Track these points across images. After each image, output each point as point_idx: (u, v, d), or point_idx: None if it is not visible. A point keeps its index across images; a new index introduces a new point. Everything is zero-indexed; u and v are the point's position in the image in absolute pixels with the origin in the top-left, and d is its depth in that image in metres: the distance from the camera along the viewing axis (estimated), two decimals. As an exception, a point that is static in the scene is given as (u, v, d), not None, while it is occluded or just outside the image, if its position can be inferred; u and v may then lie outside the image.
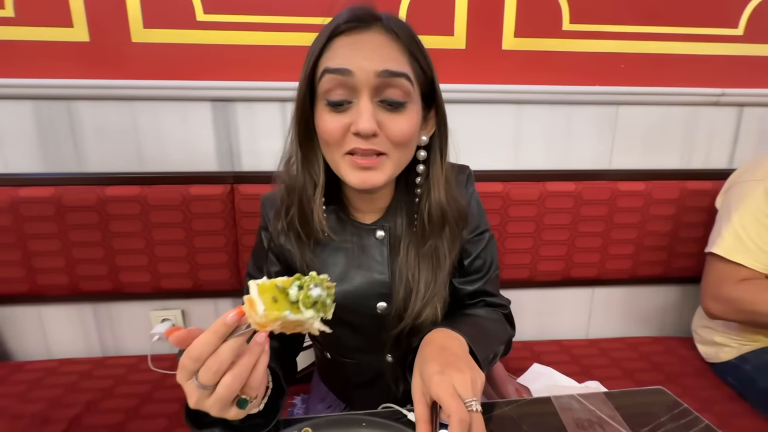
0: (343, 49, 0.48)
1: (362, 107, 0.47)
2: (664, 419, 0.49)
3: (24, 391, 0.90)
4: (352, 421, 0.46)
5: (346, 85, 0.48)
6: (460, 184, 0.63)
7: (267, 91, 0.99)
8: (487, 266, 0.64)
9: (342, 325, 0.60)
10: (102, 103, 0.98)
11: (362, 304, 0.58)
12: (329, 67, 0.47)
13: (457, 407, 0.38)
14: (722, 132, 1.15)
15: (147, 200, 0.98)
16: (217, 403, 0.37)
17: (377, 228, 0.59)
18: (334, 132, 0.49)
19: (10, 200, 0.95)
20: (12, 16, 0.92)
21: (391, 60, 0.48)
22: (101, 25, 0.94)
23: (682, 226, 1.13)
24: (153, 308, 1.09)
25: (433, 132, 0.56)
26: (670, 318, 1.25)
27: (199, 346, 0.35)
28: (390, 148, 0.50)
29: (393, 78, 0.47)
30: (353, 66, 0.47)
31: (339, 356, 0.65)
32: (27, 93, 0.95)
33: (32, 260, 0.99)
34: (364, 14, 0.50)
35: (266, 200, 0.64)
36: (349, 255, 0.58)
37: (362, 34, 0.49)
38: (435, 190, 0.56)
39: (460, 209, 0.59)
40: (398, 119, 0.49)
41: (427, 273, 0.57)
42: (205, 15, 0.95)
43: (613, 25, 1.05)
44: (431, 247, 0.57)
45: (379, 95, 0.48)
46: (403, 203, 0.59)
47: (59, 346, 1.10)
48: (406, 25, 0.52)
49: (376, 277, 0.58)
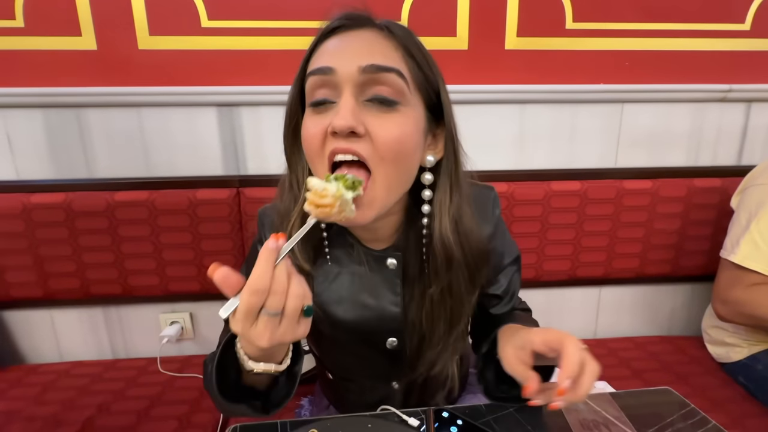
0: (329, 49, 0.44)
1: (341, 103, 0.42)
2: (671, 420, 0.49)
3: (38, 394, 0.92)
4: (358, 423, 0.47)
5: (329, 84, 0.43)
6: (482, 210, 0.55)
7: (271, 95, 1.00)
8: (514, 286, 0.61)
9: (346, 353, 0.58)
10: (110, 110, 0.99)
11: (370, 338, 0.54)
12: (312, 69, 0.44)
13: (571, 338, 0.42)
14: (730, 128, 1.13)
15: (155, 205, 0.99)
16: (290, 324, 0.37)
17: (388, 256, 0.53)
18: (313, 138, 0.43)
19: (22, 206, 0.97)
20: (22, 27, 0.94)
21: (380, 55, 0.43)
22: (108, 33, 0.95)
23: (690, 223, 1.12)
24: (162, 311, 1.11)
25: (442, 154, 0.49)
26: (679, 317, 1.24)
27: (259, 279, 0.35)
28: (375, 159, 0.42)
29: (380, 74, 0.42)
30: (335, 63, 0.42)
31: (341, 379, 0.63)
32: (37, 101, 0.97)
33: (44, 265, 1.01)
34: (357, 16, 0.46)
35: (264, 216, 0.59)
36: (356, 282, 0.53)
37: (351, 32, 0.45)
38: (439, 222, 0.48)
39: (478, 246, 0.50)
40: (387, 120, 0.42)
41: (442, 320, 0.52)
42: (209, 21, 0.97)
43: (617, 23, 1.04)
44: (443, 290, 0.51)
45: (365, 93, 0.43)
46: (413, 231, 0.52)
47: (71, 348, 1.12)
48: (406, 28, 0.47)
49: (387, 309, 0.53)
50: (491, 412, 0.51)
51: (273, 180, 1.03)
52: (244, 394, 0.46)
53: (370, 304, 0.53)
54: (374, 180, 0.43)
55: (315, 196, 0.38)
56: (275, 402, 0.47)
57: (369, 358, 0.57)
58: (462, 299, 0.52)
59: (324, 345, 0.60)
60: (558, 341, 0.43)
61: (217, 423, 0.86)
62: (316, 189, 0.38)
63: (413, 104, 0.45)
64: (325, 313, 0.54)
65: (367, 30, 0.45)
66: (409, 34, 0.47)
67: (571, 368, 0.40)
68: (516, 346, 0.47)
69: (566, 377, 0.40)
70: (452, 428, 0.47)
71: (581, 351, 0.41)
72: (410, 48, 0.45)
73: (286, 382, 0.47)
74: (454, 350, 0.55)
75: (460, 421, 0.48)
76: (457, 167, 0.49)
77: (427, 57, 0.47)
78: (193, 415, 0.86)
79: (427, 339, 0.53)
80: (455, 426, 0.48)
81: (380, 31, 0.45)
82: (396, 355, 0.56)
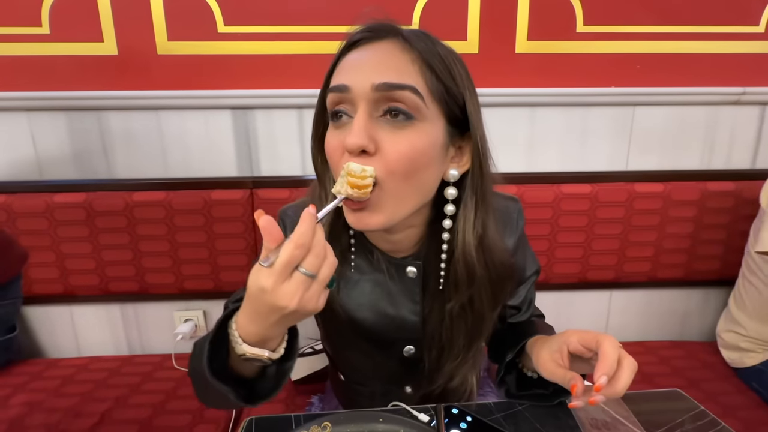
0: (348, 65, 0.44)
1: (355, 120, 0.42)
2: (680, 421, 0.49)
3: (58, 386, 0.95)
4: (370, 417, 0.48)
5: (346, 101, 0.43)
6: (507, 222, 0.55)
7: (285, 99, 1.03)
8: (531, 294, 0.62)
9: (362, 357, 0.58)
10: (129, 113, 1.03)
11: (387, 344, 0.55)
12: (330, 87, 0.44)
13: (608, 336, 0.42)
14: (744, 131, 1.12)
15: (171, 205, 1.02)
16: (318, 290, 0.37)
17: (408, 264, 0.52)
18: (333, 151, 0.44)
19: (46, 205, 1.01)
20: (47, 33, 0.98)
21: (394, 71, 0.42)
22: (129, 39, 0.99)
23: (703, 227, 1.11)
24: (176, 309, 1.14)
25: (468, 168, 0.47)
26: (692, 322, 1.23)
27: (304, 235, 0.35)
28: (384, 173, 0.42)
29: (393, 91, 0.41)
30: (350, 81, 0.42)
31: (353, 382, 0.63)
32: (61, 105, 1.00)
33: (65, 262, 1.04)
34: (380, 26, 0.45)
35: (286, 216, 0.58)
36: (377, 289, 0.53)
37: (371, 45, 0.44)
38: (462, 239, 0.47)
39: (502, 263, 0.49)
40: (398, 136, 0.42)
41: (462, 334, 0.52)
42: (225, 27, 0.99)
43: (628, 26, 1.05)
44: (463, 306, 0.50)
45: (379, 110, 0.42)
46: (435, 244, 0.51)
47: (89, 344, 1.15)
48: (429, 37, 0.45)
49: (406, 318, 0.53)
50: (500, 410, 0.52)
51: (285, 181, 1.06)
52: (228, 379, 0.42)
53: (389, 311, 0.53)
54: (381, 188, 0.43)
55: (356, 178, 0.40)
56: (260, 394, 0.44)
57: (384, 363, 0.57)
58: (484, 315, 0.51)
59: (340, 347, 0.61)
60: (594, 340, 0.43)
61: (230, 418, 0.88)
62: (355, 171, 0.40)
63: (430, 118, 0.43)
64: (344, 317, 0.53)
65: (386, 42, 0.44)
66: (432, 43, 0.44)
67: (608, 365, 0.41)
68: (552, 350, 0.47)
69: (602, 374, 0.40)
70: (462, 424, 0.48)
71: (618, 348, 0.42)
72: (431, 60, 0.43)
73: (274, 374, 0.44)
74: (474, 363, 0.55)
75: (470, 418, 0.49)
76: (483, 183, 0.46)
77: (452, 68, 0.44)
78: (206, 410, 0.88)
79: (446, 352, 0.53)
80: (465, 422, 0.49)
81: (399, 43, 0.43)
82: (412, 363, 0.56)
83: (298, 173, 1.08)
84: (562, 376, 0.45)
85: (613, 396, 0.41)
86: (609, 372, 0.41)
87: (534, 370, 0.53)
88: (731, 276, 1.13)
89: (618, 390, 0.41)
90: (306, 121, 1.05)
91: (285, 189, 1.04)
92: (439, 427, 0.47)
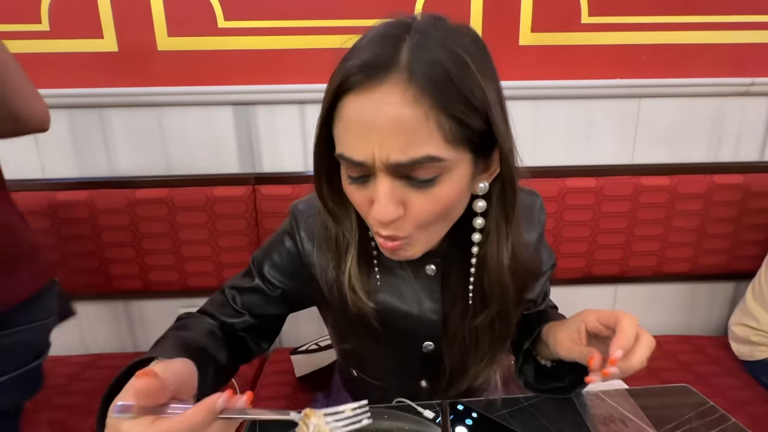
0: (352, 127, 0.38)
1: (378, 189, 0.39)
2: (689, 417, 0.48)
3: (65, 384, 0.96)
4: (375, 414, 0.47)
5: (362, 170, 0.40)
6: (529, 217, 0.55)
7: (286, 94, 1.02)
8: (547, 287, 0.62)
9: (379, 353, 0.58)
10: (131, 109, 1.02)
11: (406, 340, 0.55)
12: (344, 156, 0.40)
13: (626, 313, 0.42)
14: (753, 123, 1.10)
15: (174, 202, 1.02)
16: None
17: (427, 263, 0.52)
18: (360, 205, 0.43)
19: (48, 204, 1.01)
20: (47, 30, 0.97)
21: (407, 144, 0.37)
22: (129, 35, 0.98)
23: (710, 221, 1.09)
24: (180, 306, 1.14)
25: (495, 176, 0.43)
26: (699, 317, 1.22)
27: (195, 426, 0.31)
28: (414, 230, 0.41)
29: (409, 167, 0.38)
30: (362, 156, 0.38)
31: (367, 376, 0.62)
32: (62, 102, 1.00)
33: (69, 260, 1.04)
34: (381, 56, 0.37)
35: (297, 211, 0.55)
36: (394, 287, 0.53)
37: (374, 93, 0.37)
38: (494, 260, 0.45)
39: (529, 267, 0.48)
40: (425, 198, 0.39)
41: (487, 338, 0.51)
42: (226, 22, 0.99)
43: (634, 17, 1.03)
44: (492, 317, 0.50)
45: (399, 174, 0.39)
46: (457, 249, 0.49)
47: (95, 341, 1.15)
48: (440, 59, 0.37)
49: (425, 315, 0.53)
50: (506, 406, 0.51)
51: (287, 177, 1.06)
52: None
53: (410, 308, 0.53)
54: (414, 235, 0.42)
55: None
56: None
57: (402, 359, 0.57)
58: (510, 320, 0.51)
59: (356, 344, 0.60)
60: (613, 318, 0.43)
61: (234, 415, 0.88)
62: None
63: (455, 165, 0.39)
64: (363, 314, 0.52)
65: (389, 88, 0.36)
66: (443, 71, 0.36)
67: (624, 340, 0.41)
68: (570, 330, 0.47)
69: (618, 347, 0.40)
70: (467, 421, 0.48)
71: (636, 325, 0.42)
72: (447, 102, 0.36)
73: None
74: (498, 362, 0.54)
75: (475, 414, 0.49)
76: (513, 191, 0.43)
77: (473, 93, 0.37)
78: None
79: (471, 354, 0.52)
80: (470, 419, 0.48)
81: (407, 91, 0.36)
82: (430, 359, 0.56)
83: (300, 169, 1.08)
84: (579, 352, 0.45)
85: (627, 370, 0.41)
86: (625, 346, 0.40)
87: (549, 358, 0.54)
88: (738, 270, 1.12)
89: (633, 364, 0.41)
90: (307, 116, 1.04)
91: (287, 185, 1.03)
92: (444, 424, 0.47)
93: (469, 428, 0.47)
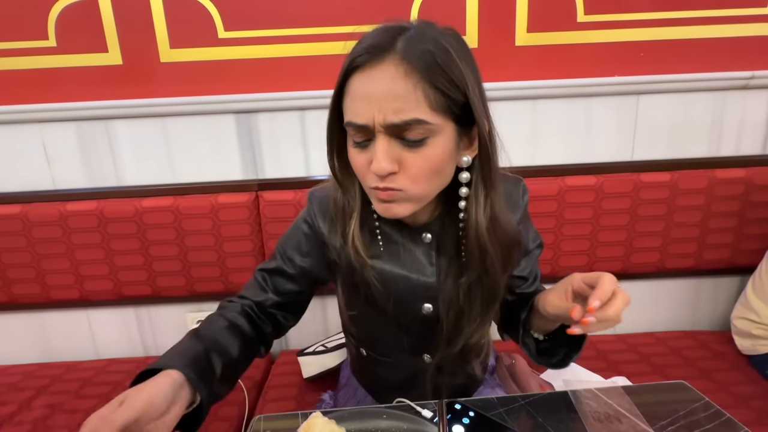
0: (357, 96, 0.48)
1: (377, 147, 0.48)
2: (684, 413, 0.49)
3: (78, 388, 0.98)
4: (374, 414, 0.49)
5: (365, 133, 0.49)
6: (513, 198, 0.62)
7: (287, 101, 1.04)
8: (533, 274, 0.67)
9: (385, 322, 0.63)
10: (136, 120, 1.05)
11: (408, 305, 0.60)
12: (350, 122, 0.49)
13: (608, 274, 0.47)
14: (754, 117, 1.09)
15: (179, 209, 1.04)
16: None
17: (423, 231, 0.59)
18: (360, 167, 0.51)
19: (59, 214, 1.04)
20: (54, 46, 1.00)
21: (399, 105, 0.46)
22: (132, 48, 1.01)
23: (712, 216, 1.09)
24: (188, 310, 1.16)
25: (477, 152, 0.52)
26: (703, 312, 1.21)
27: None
28: (408, 185, 0.49)
29: (402, 127, 0.46)
30: (364, 119, 0.47)
31: (375, 354, 0.67)
32: (70, 115, 1.03)
33: (80, 268, 1.07)
34: (380, 42, 0.46)
35: (313, 197, 0.64)
36: (395, 254, 0.60)
37: (375, 71, 0.46)
38: (474, 219, 0.53)
39: (510, 236, 0.55)
40: (416, 156, 0.48)
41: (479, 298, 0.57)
42: (226, 32, 1.01)
43: (630, 13, 1.03)
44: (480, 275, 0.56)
45: (395, 135, 0.48)
46: (449, 218, 0.57)
47: (106, 346, 1.19)
48: (427, 46, 0.46)
49: (422, 279, 0.59)
50: (503, 405, 0.52)
51: (290, 183, 1.08)
52: None
53: (409, 272, 0.59)
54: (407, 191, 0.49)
55: None
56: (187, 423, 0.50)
57: (405, 325, 0.62)
58: (497, 281, 0.57)
59: (364, 313, 0.65)
60: (595, 277, 0.48)
61: (243, 416, 0.90)
62: None
63: (440, 130, 0.48)
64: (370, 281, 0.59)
65: (387, 65, 0.46)
66: (430, 55, 0.46)
67: (602, 293, 0.45)
68: (558, 291, 0.53)
69: (596, 299, 0.45)
70: (464, 420, 0.49)
71: (614, 282, 0.47)
72: (432, 78, 0.46)
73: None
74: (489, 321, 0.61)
75: (472, 413, 0.50)
76: (490, 166, 0.51)
77: (454, 73, 0.46)
78: (219, 409, 0.91)
79: (465, 315, 0.58)
80: (467, 418, 0.49)
81: (400, 67, 0.45)
82: (430, 323, 0.61)
83: (302, 174, 1.10)
84: (564, 308, 0.50)
85: (604, 320, 0.45)
86: (602, 298, 0.45)
87: (542, 330, 0.60)
88: (742, 264, 1.12)
89: (609, 314, 0.45)
90: (308, 122, 1.06)
91: (289, 190, 1.05)
92: (441, 423, 0.48)
93: (467, 427, 0.48)
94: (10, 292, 1.09)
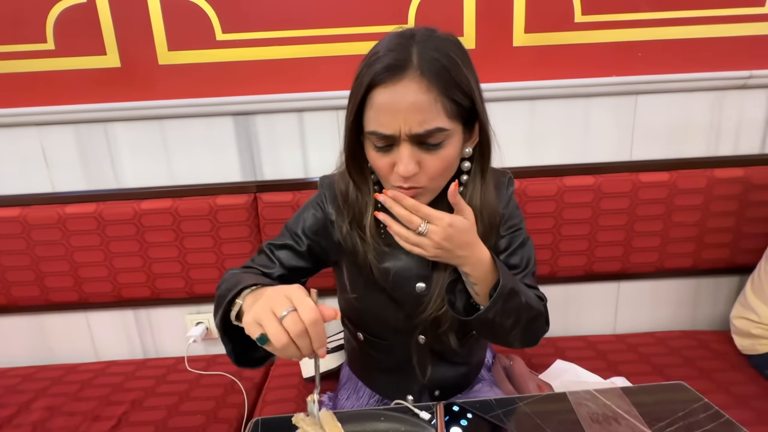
0: (382, 109, 0.53)
1: (402, 152, 0.54)
2: (682, 414, 0.49)
3: (77, 390, 0.98)
4: (371, 416, 0.49)
5: (390, 141, 0.55)
6: (499, 187, 0.69)
7: (284, 103, 1.04)
8: (524, 262, 0.69)
9: (384, 301, 0.68)
10: (134, 123, 1.05)
11: (404, 283, 0.66)
12: (376, 132, 0.54)
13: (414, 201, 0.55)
14: (752, 116, 1.09)
15: (178, 212, 1.04)
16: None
17: None
18: (382, 168, 0.57)
19: (58, 217, 1.04)
20: (52, 49, 1.00)
21: (423, 120, 0.52)
22: (131, 51, 1.01)
23: (711, 215, 1.09)
24: (188, 312, 1.16)
25: (476, 142, 0.60)
26: (702, 312, 1.21)
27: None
28: (427, 182, 0.56)
29: (425, 135, 0.53)
30: (391, 130, 0.53)
31: (371, 336, 0.72)
32: (68, 118, 1.03)
33: (79, 271, 1.07)
34: (398, 61, 0.52)
35: (325, 183, 0.70)
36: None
37: (398, 86, 0.52)
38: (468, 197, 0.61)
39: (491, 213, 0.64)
40: (435, 158, 0.55)
41: None
42: (224, 34, 1.01)
43: (628, 13, 1.03)
44: None
45: (416, 141, 0.54)
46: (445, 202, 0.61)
47: (105, 348, 1.19)
48: (440, 59, 0.52)
49: (418, 258, 0.64)
50: (500, 406, 0.52)
51: (288, 184, 1.08)
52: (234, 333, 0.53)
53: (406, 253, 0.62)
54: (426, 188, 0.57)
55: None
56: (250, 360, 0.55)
57: (401, 302, 0.67)
58: None
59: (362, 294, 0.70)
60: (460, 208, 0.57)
61: (242, 417, 0.90)
62: None
63: (454, 133, 0.55)
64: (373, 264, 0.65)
65: (407, 82, 0.51)
66: (446, 73, 0.52)
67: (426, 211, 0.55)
68: None
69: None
70: (462, 421, 0.49)
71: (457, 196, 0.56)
72: (448, 90, 0.52)
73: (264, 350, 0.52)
74: None
75: (470, 415, 0.50)
76: (488, 153, 0.61)
77: (463, 83, 0.53)
78: (219, 411, 0.91)
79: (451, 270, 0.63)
80: (465, 419, 0.49)
81: (421, 83, 0.51)
82: (422, 300, 0.66)
83: (300, 176, 1.10)
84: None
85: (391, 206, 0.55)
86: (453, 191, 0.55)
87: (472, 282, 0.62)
88: (741, 264, 1.12)
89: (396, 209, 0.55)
90: (306, 123, 1.06)
91: (288, 192, 1.06)
92: (439, 425, 0.48)
93: (464, 429, 0.48)
94: (10, 295, 1.09)
